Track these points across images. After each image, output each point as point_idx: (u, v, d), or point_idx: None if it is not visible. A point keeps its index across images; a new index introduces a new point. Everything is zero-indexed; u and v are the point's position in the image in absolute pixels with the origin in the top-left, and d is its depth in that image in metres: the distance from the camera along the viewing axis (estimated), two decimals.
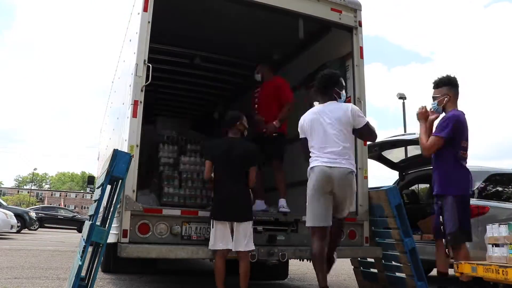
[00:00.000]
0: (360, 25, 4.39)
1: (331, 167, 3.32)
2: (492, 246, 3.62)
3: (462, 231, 3.63)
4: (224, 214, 3.48)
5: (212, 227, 3.47)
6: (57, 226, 22.15)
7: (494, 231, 3.67)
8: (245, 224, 3.48)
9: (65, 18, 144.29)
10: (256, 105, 4.86)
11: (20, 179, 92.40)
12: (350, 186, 3.41)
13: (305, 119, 3.58)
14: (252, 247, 3.48)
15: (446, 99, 3.82)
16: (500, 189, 5.69)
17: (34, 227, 18.11)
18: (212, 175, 3.67)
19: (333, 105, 3.54)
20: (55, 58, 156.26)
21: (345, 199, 3.45)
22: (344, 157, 3.38)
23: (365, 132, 3.57)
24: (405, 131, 14.61)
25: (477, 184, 5.41)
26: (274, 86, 4.70)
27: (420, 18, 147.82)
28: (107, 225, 3.12)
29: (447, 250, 3.89)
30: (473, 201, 5.16)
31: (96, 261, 3.13)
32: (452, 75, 3.91)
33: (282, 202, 4.29)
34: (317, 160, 3.39)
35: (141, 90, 3.47)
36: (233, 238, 3.45)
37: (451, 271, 3.81)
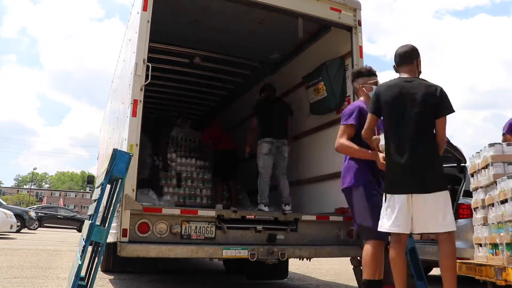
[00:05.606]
0: (360, 24, 4.38)
1: None
2: (478, 246, 3.67)
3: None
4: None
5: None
6: (57, 225, 22.19)
7: (479, 232, 3.71)
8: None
9: (65, 18, 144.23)
10: None
11: (20, 178, 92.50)
12: None
13: None
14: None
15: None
16: None
17: (34, 227, 18.10)
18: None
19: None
20: (54, 57, 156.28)
21: None
22: None
23: None
24: None
25: None
26: None
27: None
28: (106, 225, 3.11)
29: None
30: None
31: (96, 261, 3.12)
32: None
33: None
34: None
35: (141, 89, 3.47)
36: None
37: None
